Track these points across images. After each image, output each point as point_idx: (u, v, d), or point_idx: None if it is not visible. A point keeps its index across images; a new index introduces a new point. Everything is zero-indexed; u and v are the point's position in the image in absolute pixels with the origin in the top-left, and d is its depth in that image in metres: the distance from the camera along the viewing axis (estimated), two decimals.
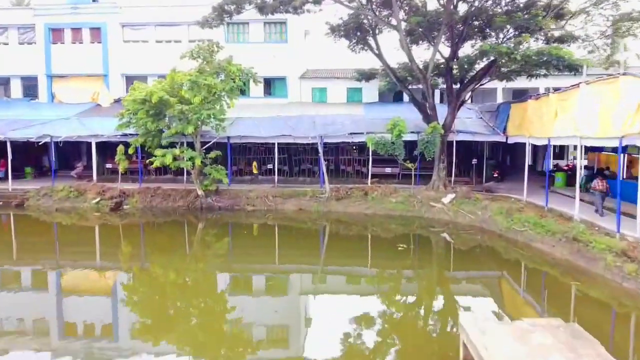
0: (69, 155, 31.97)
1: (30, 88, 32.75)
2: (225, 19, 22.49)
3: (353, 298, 13.57)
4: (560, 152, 31.84)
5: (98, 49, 31.49)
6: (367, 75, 25.02)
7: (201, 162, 22.03)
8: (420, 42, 24.69)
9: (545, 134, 18.44)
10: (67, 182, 26.32)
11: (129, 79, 32.54)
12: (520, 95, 30.19)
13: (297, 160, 28.15)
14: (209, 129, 22.82)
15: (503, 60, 20.12)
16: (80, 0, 31.54)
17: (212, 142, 23.92)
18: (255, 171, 26.54)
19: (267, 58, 30.31)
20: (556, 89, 18.48)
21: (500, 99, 30.61)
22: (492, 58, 20.49)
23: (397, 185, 24.31)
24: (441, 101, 28.17)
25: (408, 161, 22.22)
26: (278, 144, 25.45)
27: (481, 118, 26.58)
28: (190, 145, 22.96)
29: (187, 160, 21.28)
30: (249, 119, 27.08)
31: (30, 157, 29.97)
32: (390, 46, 24.68)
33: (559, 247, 15.01)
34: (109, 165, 28.66)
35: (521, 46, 19.22)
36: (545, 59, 19.60)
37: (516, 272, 15.10)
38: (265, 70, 30.65)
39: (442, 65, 23.02)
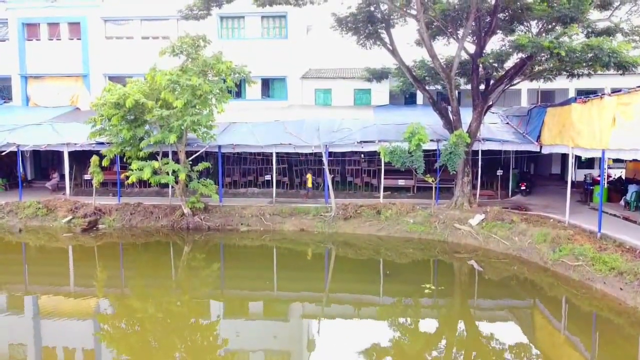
0: (47, 164, 28.98)
1: (3, 89, 29.66)
2: (214, 7, 19.39)
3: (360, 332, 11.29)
4: (589, 160, 28.50)
5: (77, 45, 28.37)
6: (378, 75, 21.87)
7: (187, 176, 18.86)
8: (439, 37, 21.54)
9: (599, 145, 15.24)
10: (40, 195, 23.35)
11: (112, 80, 29.38)
12: (548, 98, 27.03)
13: (298, 170, 24.96)
14: (196, 136, 19.66)
15: (542, 57, 16.93)
16: None
17: (201, 152, 20.79)
18: (309, 185, 22.96)
19: (265, 56, 27.19)
20: (588, 93, 15.29)
21: (525, 101, 27.44)
22: (527, 54, 17.28)
23: (414, 200, 21.18)
24: (459, 104, 24.98)
25: (428, 175, 19.01)
26: (277, 153, 22.28)
27: (508, 123, 23.40)
28: (175, 156, 19.86)
29: (169, 175, 18.12)
30: (243, 124, 23.97)
31: (2, 166, 26.85)
32: (402, 42, 21.52)
33: (631, 291, 11.81)
34: (87, 177, 25.48)
35: (565, 39, 16.01)
36: (592, 54, 16.44)
37: (574, 321, 11.98)
38: (263, 69, 27.61)
39: (466, 64, 19.84)
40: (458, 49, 18.36)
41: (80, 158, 24.25)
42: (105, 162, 19.68)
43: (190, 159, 19.89)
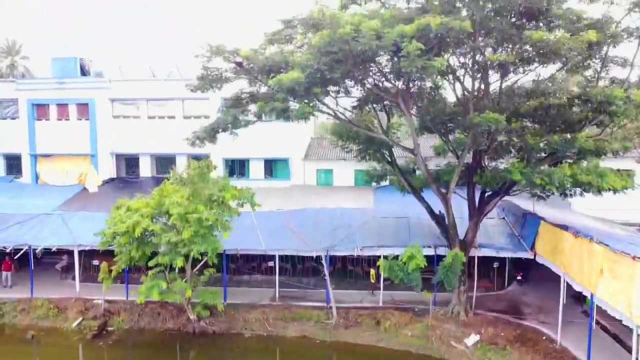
0: None
1: (13, 166, 30.46)
2: (216, 89, 19.94)
3: None
4: None
5: (86, 126, 29.18)
6: (378, 176, 22.54)
7: (193, 288, 19.65)
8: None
9: (588, 286, 15.97)
10: (50, 279, 24.44)
11: (119, 158, 30.34)
12: None
13: (300, 257, 25.66)
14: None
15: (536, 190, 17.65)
16: (67, 74, 29.19)
17: (206, 259, 21.50)
18: (372, 280, 22.78)
19: (268, 137, 27.94)
20: None
21: None
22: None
23: (411, 293, 21.73)
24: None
25: (426, 291, 19.73)
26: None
27: (504, 218, 24.10)
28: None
29: (176, 294, 18.87)
30: (247, 214, 24.58)
31: None
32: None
33: None
34: (96, 262, 26.21)
35: (556, 176, 16.64)
36: (582, 188, 17.21)
37: None
38: (266, 150, 28.46)
39: (463, 177, 20.51)
40: (456, 174, 19.03)
41: None
42: (114, 273, 20.39)
43: (196, 268, 20.61)
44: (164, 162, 30.56)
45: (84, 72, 30.44)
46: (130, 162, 30.86)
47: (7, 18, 73.26)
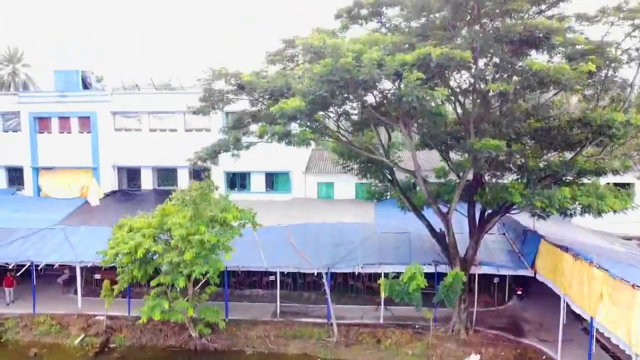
0: None
1: (15, 178, 30.58)
2: (217, 110, 20.00)
3: None
4: None
5: (87, 139, 29.28)
6: (379, 193, 22.64)
7: (194, 307, 19.76)
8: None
9: (588, 309, 16.05)
10: (52, 293, 24.76)
11: (121, 170, 30.44)
12: None
13: (301, 272, 25.74)
14: None
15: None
16: (69, 87, 29.29)
17: (207, 277, 21.60)
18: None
19: (269, 151, 27.95)
20: None
21: None
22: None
23: (411, 319, 21.86)
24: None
25: (426, 309, 19.84)
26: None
27: (504, 234, 24.20)
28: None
29: (178, 313, 18.98)
30: (248, 230, 24.75)
31: None
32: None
33: None
34: (97, 276, 26.33)
35: (556, 198, 16.73)
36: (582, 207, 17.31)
37: None
38: (267, 164, 28.51)
39: (464, 195, 20.60)
40: (455, 197, 19.12)
41: None
42: (116, 291, 20.48)
43: (198, 286, 20.71)
44: (166, 175, 30.72)
45: (85, 84, 30.55)
46: (131, 175, 30.96)
47: (9, 25, 73.49)
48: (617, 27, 17.45)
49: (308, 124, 15.58)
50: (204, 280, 21.00)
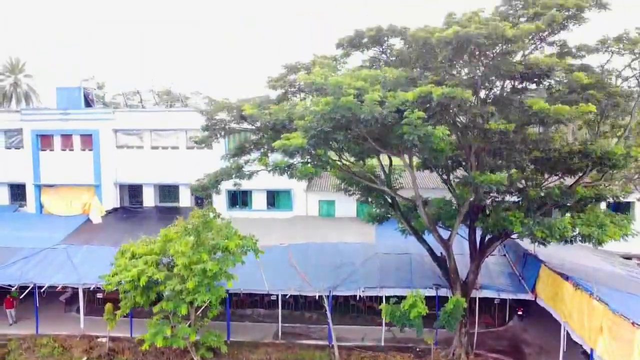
0: None
1: (18, 195, 30.71)
2: (219, 140, 20.20)
3: None
4: None
5: (89, 157, 29.38)
6: (380, 216, 22.73)
7: (197, 331, 19.85)
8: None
9: (588, 340, 16.14)
10: (55, 313, 24.82)
11: (123, 187, 30.56)
12: None
13: None
14: None
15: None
16: (71, 104, 29.42)
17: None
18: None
19: None
20: None
21: None
22: None
23: (412, 341, 21.93)
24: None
25: (427, 335, 19.94)
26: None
27: (505, 255, 24.30)
28: None
29: (180, 339, 19.07)
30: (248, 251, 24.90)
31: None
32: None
33: None
34: (100, 295, 26.45)
35: (557, 229, 16.82)
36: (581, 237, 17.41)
37: None
38: (268, 182, 28.48)
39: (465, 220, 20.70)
40: (457, 220, 19.21)
41: None
42: (118, 316, 20.59)
43: (200, 310, 20.80)
44: (167, 191, 30.85)
45: (87, 101, 30.66)
46: (133, 191, 31.08)
47: (9, 25, 73.55)
48: (618, 56, 17.58)
49: (309, 159, 15.68)
50: (206, 304, 21.11)
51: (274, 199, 29.65)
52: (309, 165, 15.58)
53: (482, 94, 16.36)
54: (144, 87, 53.85)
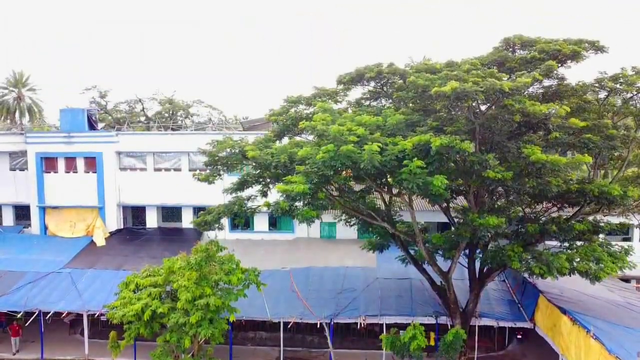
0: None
1: (22, 215, 31.04)
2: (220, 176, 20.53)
3: None
4: None
5: (93, 178, 29.68)
6: (380, 247, 22.98)
7: None
8: None
9: None
10: (59, 334, 25.13)
11: (126, 209, 30.86)
12: None
13: None
14: None
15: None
16: (75, 126, 29.73)
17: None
18: (431, 343, 21.89)
19: (272, 191, 28.39)
20: None
21: None
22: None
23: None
24: None
25: None
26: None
27: (504, 281, 24.56)
28: None
29: None
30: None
31: None
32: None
33: None
34: (104, 318, 26.73)
35: (554, 266, 17.09)
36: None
37: None
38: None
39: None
40: (456, 256, 19.48)
41: None
42: (122, 346, 20.89)
43: (202, 340, 21.09)
44: (170, 212, 31.15)
45: (91, 122, 30.96)
46: (136, 212, 31.38)
47: (8, 25, 73.82)
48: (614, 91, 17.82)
49: (311, 200, 15.96)
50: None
51: (276, 220, 29.92)
52: (311, 209, 15.85)
53: (480, 138, 16.62)
54: (144, 90, 53.89)
